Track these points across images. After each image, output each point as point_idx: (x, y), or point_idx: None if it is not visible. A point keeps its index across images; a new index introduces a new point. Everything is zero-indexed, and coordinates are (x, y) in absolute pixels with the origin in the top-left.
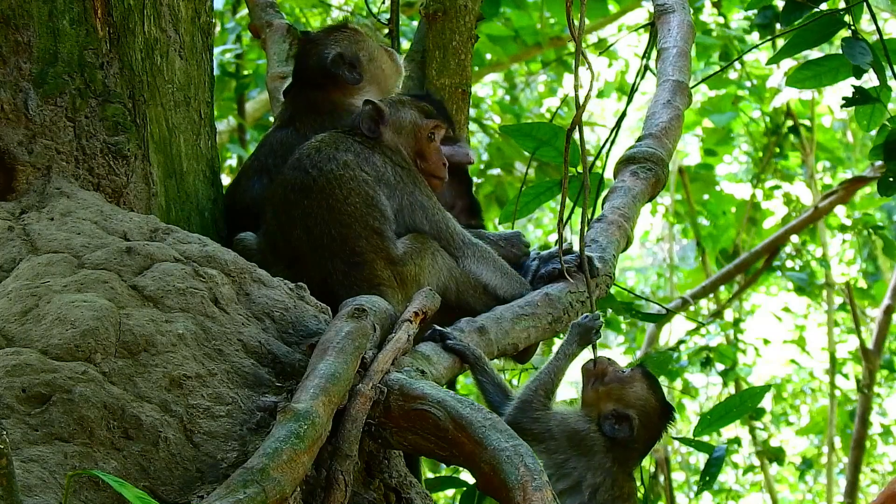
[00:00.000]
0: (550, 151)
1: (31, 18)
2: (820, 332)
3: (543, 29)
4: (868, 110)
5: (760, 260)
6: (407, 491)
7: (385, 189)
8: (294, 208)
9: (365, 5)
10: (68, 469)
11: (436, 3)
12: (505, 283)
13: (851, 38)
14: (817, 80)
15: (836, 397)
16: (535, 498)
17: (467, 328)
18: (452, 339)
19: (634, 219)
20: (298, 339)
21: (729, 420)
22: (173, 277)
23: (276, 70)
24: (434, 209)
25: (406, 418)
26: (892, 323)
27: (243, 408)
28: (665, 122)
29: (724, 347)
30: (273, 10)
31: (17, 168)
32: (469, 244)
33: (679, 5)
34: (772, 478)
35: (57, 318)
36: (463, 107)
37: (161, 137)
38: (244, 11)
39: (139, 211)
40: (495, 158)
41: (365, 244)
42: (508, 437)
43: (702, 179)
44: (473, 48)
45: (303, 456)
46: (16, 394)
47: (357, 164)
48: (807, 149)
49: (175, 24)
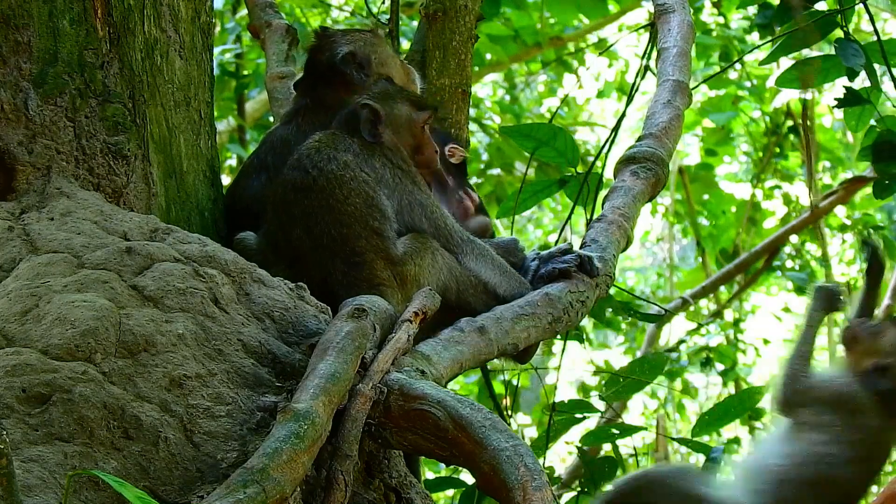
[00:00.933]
0: (550, 151)
1: (31, 18)
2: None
3: (543, 29)
4: (857, 112)
5: (760, 260)
6: (407, 491)
7: (385, 190)
8: (294, 208)
9: (365, 5)
10: (68, 469)
11: (436, 3)
12: (505, 281)
13: (844, 39)
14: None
15: None
16: (535, 498)
17: (467, 328)
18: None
19: (634, 219)
20: (298, 339)
21: (728, 420)
22: (173, 277)
23: (275, 70)
24: (433, 207)
25: (406, 418)
26: None
27: (243, 408)
28: (665, 122)
29: (724, 347)
30: (272, 10)
31: (17, 168)
32: (468, 241)
33: (679, 5)
34: None
35: (57, 318)
36: (463, 107)
37: (161, 137)
38: (244, 11)
39: (139, 211)
40: (495, 158)
41: (365, 244)
42: (508, 437)
43: (702, 179)
44: (473, 48)
45: (303, 456)
46: (16, 394)
47: (357, 165)
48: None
49: (175, 24)
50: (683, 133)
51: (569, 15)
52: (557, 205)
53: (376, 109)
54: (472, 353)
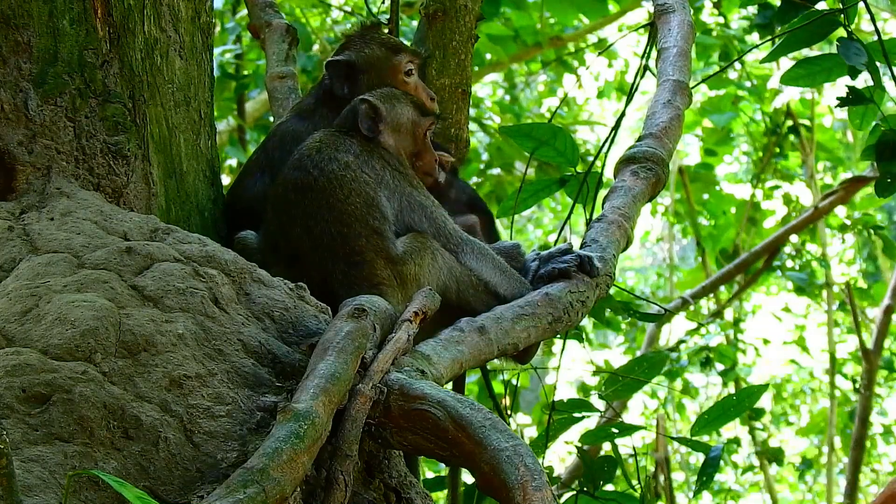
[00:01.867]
0: (550, 151)
1: (31, 18)
2: (820, 332)
3: (543, 29)
4: (861, 110)
5: (760, 260)
6: (407, 491)
7: (385, 191)
8: (294, 208)
9: (365, 5)
10: (68, 469)
11: (436, 3)
12: (505, 281)
13: (847, 38)
14: (811, 78)
15: (835, 397)
16: (535, 498)
17: (467, 328)
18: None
19: (634, 219)
20: (298, 339)
21: (727, 419)
22: (173, 277)
23: (275, 70)
24: (433, 208)
25: (406, 418)
26: (892, 323)
27: (243, 408)
28: (665, 122)
29: (724, 347)
30: (272, 10)
31: (17, 168)
32: (468, 242)
33: (679, 5)
34: (771, 478)
35: (57, 318)
36: (463, 107)
37: (161, 137)
38: (244, 11)
39: (139, 211)
40: (495, 158)
41: (365, 243)
42: (508, 437)
43: (702, 179)
44: (473, 48)
45: (303, 456)
46: (16, 394)
47: (358, 166)
48: (807, 149)
49: (175, 24)
50: (683, 133)
51: (569, 15)
52: (557, 205)
53: (376, 106)
54: (472, 353)
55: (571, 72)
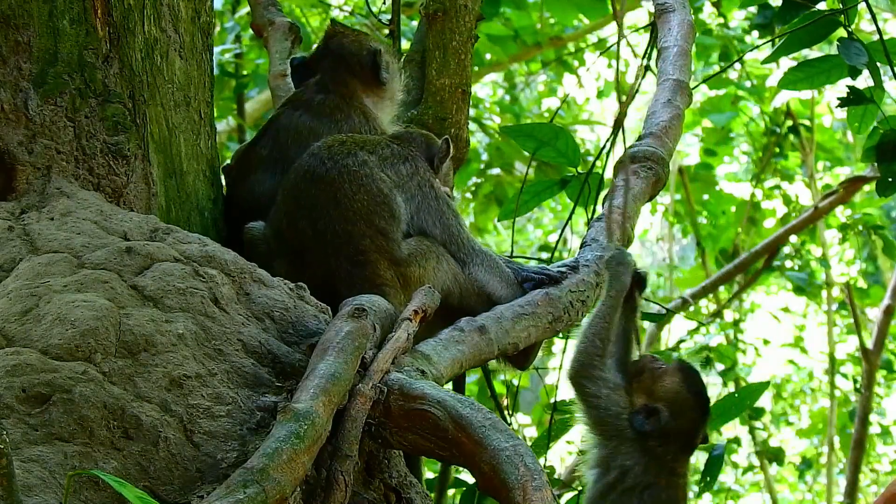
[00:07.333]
0: (551, 152)
1: (31, 18)
2: (820, 332)
3: (543, 29)
4: (860, 111)
5: (760, 260)
6: (407, 491)
7: (403, 194)
8: (302, 196)
9: (365, 5)
10: (68, 469)
11: (436, 3)
12: (510, 294)
13: (847, 38)
14: (810, 81)
15: (835, 397)
16: (535, 498)
17: (467, 328)
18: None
19: (634, 218)
20: (298, 339)
21: (727, 418)
22: (173, 277)
23: (278, 68)
24: (449, 214)
25: (406, 418)
26: (891, 323)
27: (243, 408)
28: (665, 122)
29: (724, 347)
30: (275, 8)
31: (17, 168)
32: (479, 252)
33: (679, 4)
34: (772, 478)
35: (57, 318)
36: (463, 107)
37: (161, 137)
38: (244, 11)
39: (139, 211)
40: (495, 158)
41: (369, 243)
42: (508, 437)
43: (702, 179)
44: (473, 48)
45: (303, 456)
46: (16, 394)
47: (377, 165)
48: (807, 149)
49: (175, 24)
50: (683, 133)
51: (569, 15)
52: (557, 205)
53: (448, 147)
54: (472, 352)
55: (571, 72)
